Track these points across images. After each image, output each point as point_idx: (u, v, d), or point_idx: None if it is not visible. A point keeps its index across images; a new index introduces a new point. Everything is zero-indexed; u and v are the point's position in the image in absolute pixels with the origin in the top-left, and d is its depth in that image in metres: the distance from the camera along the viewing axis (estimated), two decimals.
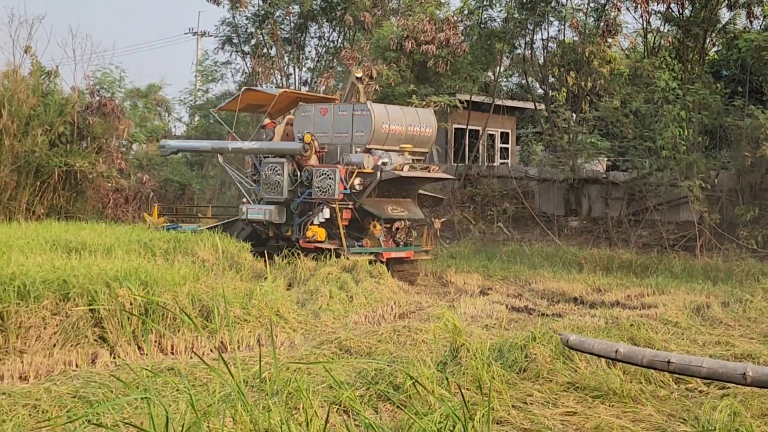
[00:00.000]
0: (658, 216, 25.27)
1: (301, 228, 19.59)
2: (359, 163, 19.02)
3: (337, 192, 18.75)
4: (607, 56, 29.27)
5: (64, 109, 28.75)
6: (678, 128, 23.73)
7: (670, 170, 23.94)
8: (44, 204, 28.01)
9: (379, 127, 19.32)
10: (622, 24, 27.80)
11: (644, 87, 25.39)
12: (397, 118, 19.87)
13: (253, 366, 9.10)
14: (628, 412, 8.27)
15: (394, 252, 19.73)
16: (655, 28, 27.30)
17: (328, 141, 19.86)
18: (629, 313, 14.59)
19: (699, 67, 25.88)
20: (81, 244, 16.29)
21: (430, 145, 21.35)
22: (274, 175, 19.99)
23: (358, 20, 31.46)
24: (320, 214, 19.04)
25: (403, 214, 19.62)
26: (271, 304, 12.83)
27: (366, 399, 8.08)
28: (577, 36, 28.26)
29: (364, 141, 19.31)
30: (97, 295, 11.25)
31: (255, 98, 22.66)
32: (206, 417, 6.00)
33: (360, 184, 18.95)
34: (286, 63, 34.11)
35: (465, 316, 14.11)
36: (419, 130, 20.16)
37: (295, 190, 19.84)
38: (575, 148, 27.42)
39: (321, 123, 20.00)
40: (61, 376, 9.24)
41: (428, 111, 21.74)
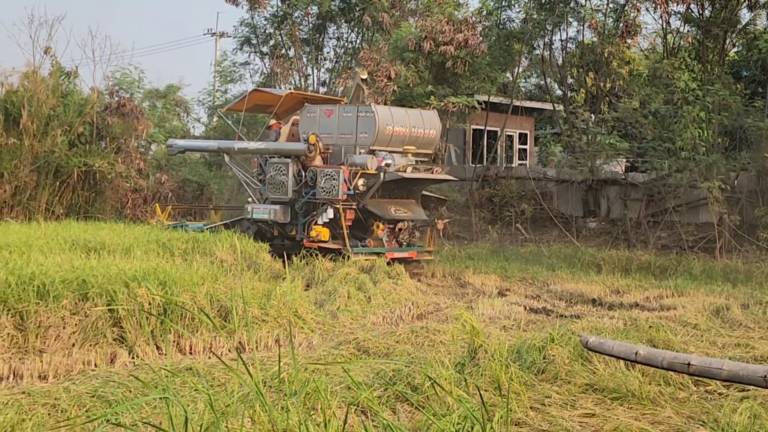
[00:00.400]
0: (678, 217, 25.17)
1: (305, 228, 19.83)
2: (363, 164, 19.25)
3: (341, 192, 18.96)
4: (626, 57, 29.18)
5: (84, 110, 28.87)
6: (698, 129, 23.62)
7: (689, 171, 23.84)
8: (63, 204, 28.14)
9: (383, 129, 19.54)
10: (641, 25, 27.74)
11: (664, 88, 25.29)
12: (401, 119, 20.07)
13: (271, 366, 9.10)
14: (647, 414, 8.23)
15: (397, 252, 20.04)
16: (675, 28, 27.21)
17: (333, 142, 20.11)
18: (648, 314, 14.55)
19: (719, 67, 25.76)
20: (100, 244, 16.35)
21: (434, 147, 21.64)
22: (279, 175, 20.24)
23: (377, 21, 31.46)
24: (324, 214, 19.27)
25: (406, 215, 19.90)
26: (290, 305, 12.84)
27: (384, 400, 8.08)
28: (596, 37, 28.18)
29: (368, 142, 19.54)
30: (116, 294, 11.29)
31: (261, 99, 22.94)
32: (225, 417, 6.01)
33: (363, 184, 19.16)
34: (304, 64, 34.13)
35: (483, 317, 14.09)
36: (423, 131, 20.42)
37: (300, 190, 20.03)
38: (594, 149, 27.34)
39: (326, 124, 20.24)
40: (80, 375, 9.28)
41: (432, 113, 21.94)
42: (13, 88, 28.63)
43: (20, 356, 10.11)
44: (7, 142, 27.08)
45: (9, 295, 10.68)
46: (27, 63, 29.71)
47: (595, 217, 28.03)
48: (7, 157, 27.00)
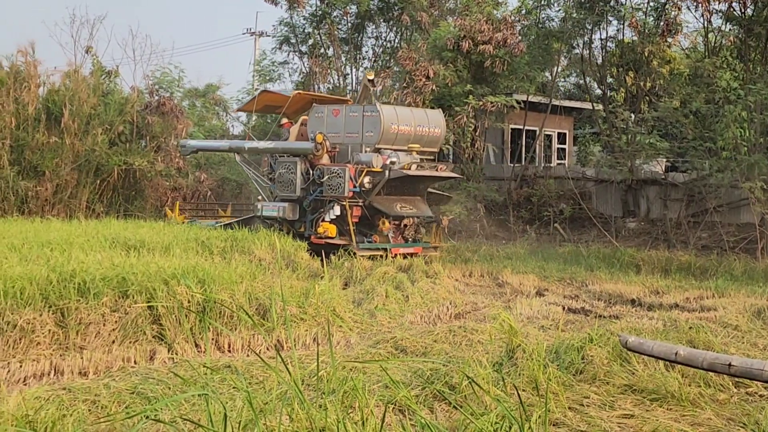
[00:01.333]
0: (718, 218, 24.94)
1: (312, 224, 20.37)
2: (368, 162, 19.84)
3: (347, 190, 19.59)
4: (666, 56, 28.94)
5: (124, 109, 29.13)
6: (739, 129, 23.39)
7: (730, 171, 23.62)
8: (104, 202, 28.41)
9: (388, 128, 20.12)
10: (682, 23, 27.50)
11: (705, 87, 25.07)
12: (406, 118, 20.64)
13: (309, 364, 9.13)
14: (686, 415, 8.17)
15: (403, 248, 20.43)
16: (717, 27, 26.93)
17: (340, 141, 20.75)
18: (688, 315, 14.43)
19: (761, 66, 25.47)
20: (140, 242, 16.47)
21: (439, 145, 22.13)
22: (288, 173, 20.83)
23: (415, 20, 31.42)
24: (331, 211, 19.89)
25: (411, 212, 20.49)
26: (328, 303, 12.87)
27: (422, 399, 8.08)
28: (636, 35, 27.98)
29: (374, 141, 20.16)
30: (156, 292, 11.36)
31: (271, 99, 23.70)
32: (263, 414, 6.03)
33: (369, 182, 19.80)
34: (343, 63, 34.17)
35: (521, 317, 14.05)
36: (428, 130, 21.05)
37: (308, 188, 20.64)
38: (633, 149, 27.16)
39: (333, 123, 20.91)
40: (120, 372, 9.36)
41: (437, 112, 22.39)
42: (55, 87, 28.96)
43: (61, 353, 10.21)
44: (48, 140, 27.38)
45: (50, 293, 10.78)
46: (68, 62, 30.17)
47: (634, 218, 27.84)
48: (48, 156, 27.30)
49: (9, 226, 19.39)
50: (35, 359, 9.89)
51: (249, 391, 5.83)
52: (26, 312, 10.33)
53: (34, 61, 28.70)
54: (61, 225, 20.06)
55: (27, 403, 6.67)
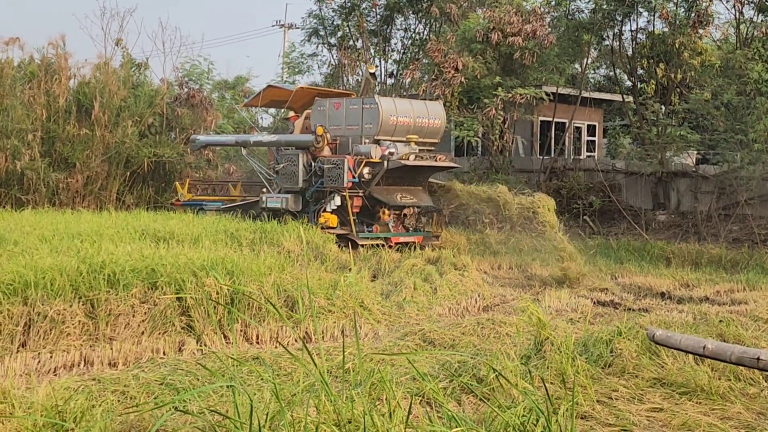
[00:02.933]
0: (749, 210, 24.75)
1: (315, 215, 20.90)
2: (367, 153, 20.39)
3: (346, 181, 20.16)
4: (697, 48, 28.71)
5: (154, 101, 29.28)
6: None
7: (762, 164, 23.43)
8: (134, 194, 28.59)
9: (387, 120, 20.74)
10: (713, 14, 27.28)
11: (736, 79, 24.87)
12: (405, 110, 21.29)
13: (336, 356, 9.14)
14: (716, 409, 8.11)
15: (403, 237, 21.04)
16: (748, 18, 26.71)
17: (341, 133, 21.39)
18: (718, 309, 14.35)
19: None
20: (169, 234, 16.55)
21: (439, 136, 22.59)
22: (291, 165, 21.45)
23: (444, 12, 31.35)
24: (332, 202, 20.52)
25: (411, 201, 21.03)
26: (356, 296, 12.88)
27: (449, 391, 8.07)
28: (666, 27, 27.80)
29: (373, 132, 20.76)
30: (185, 284, 11.42)
31: (276, 94, 24.53)
32: (290, 406, 6.04)
33: (369, 173, 20.48)
34: (372, 55, 34.16)
35: (549, 310, 14.02)
36: (427, 121, 21.65)
37: (310, 179, 21.24)
38: (664, 141, 26.99)
39: (334, 116, 21.54)
40: (149, 363, 9.41)
41: (437, 104, 23.11)
42: (86, 79, 29.16)
43: (91, 343, 10.28)
44: (79, 132, 27.56)
45: (80, 283, 10.86)
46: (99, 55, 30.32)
47: (664, 210, 27.68)
48: (79, 148, 27.49)
49: (40, 217, 19.54)
50: (65, 350, 9.97)
51: (276, 383, 5.85)
52: (56, 303, 10.41)
53: (65, 54, 28.94)
54: (92, 216, 20.20)
55: (56, 393, 6.72)
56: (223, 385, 6.56)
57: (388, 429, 5.55)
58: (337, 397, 5.84)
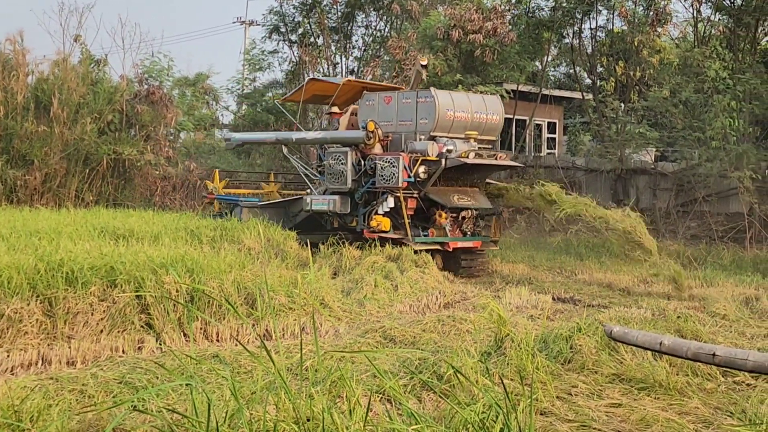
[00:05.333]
0: (707, 207, 24.99)
1: (365, 218, 19.22)
2: (423, 150, 18.62)
3: (401, 180, 18.31)
4: (656, 46, 28.96)
5: (113, 98, 29.07)
6: (728, 119, 23.44)
7: (719, 161, 23.68)
8: (93, 191, 28.36)
9: (444, 114, 18.90)
10: (671, 13, 27.54)
11: (694, 77, 25.11)
12: (462, 105, 19.42)
13: (297, 354, 9.13)
14: (674, 404, 8.18)
15: (461, 242, 19.18)
16: (706, 17, 26.99)
17: (393, 129, 19.57)
18: (677, 305, 14.47)
19: (750, 56, 25.52)
20: (128, 232, 16.44)
21: (497, 133, 20.75)
22: (338, 164, 19.57)
23: (405, 9, 31.39)
24: (384, 204, 18.65)
25: (469, 203, 19.15)
26: (316, 293, 12.87)
27: (409, 388, 8.08)
28: (626, 25, 28.02)
29: (429, 128, 18.93)
30: (144, 282, 11.34)
31: (319, 88, 22.32)
32: (249, 404, 6.03)
33: (425, 172, 18.50)
34: (333, 52, 34.13)
35: (510, 307, 14.07)
36: (486, 117, 19.72)
37: (359, 179, 19.37)
38: (623, 138, 27.19)
39: (385, 111, 19.74)
40: (107, 361, 9.34)
41: (495, 98, 21.10)
42: (44, 76, 28.89)
43: (49, 342, 10.19)
44: (37, 129, 27.31)
45: (38, 282, 10.75)
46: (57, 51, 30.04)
47: (623, 207, 27.87)
48: (37, 145, 27.24)
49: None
50: (23, 349, 9.86)
51: (235, 381, 5.83)
52: (14, 301, 10.30)
53: (23, 50, 28.64)
54: (50, 214, 20.01)
55: (13, 392, 6.65)
56: (181, 383, 6.53)
57: (347, 426, 5.54)
58: (297, 395, 5.83)
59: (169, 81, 32.75)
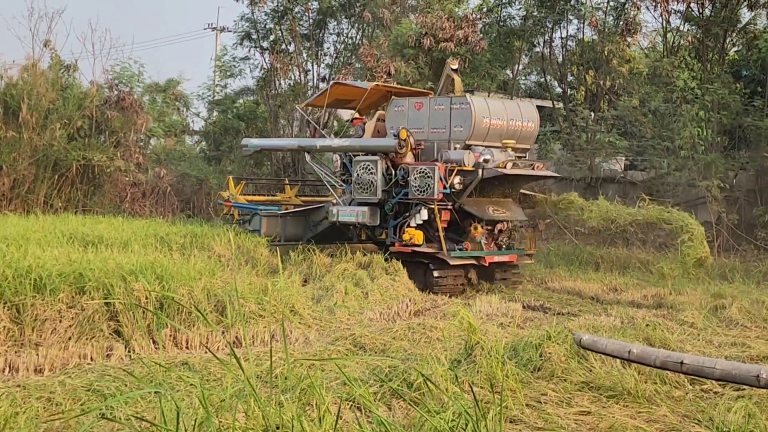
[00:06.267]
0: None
1: (396, 230, 18.23)
2: (459, 160, 17.60)
3: (437, 191, 17.26)
4: (626, 55, 29.16)
5: (83, 103, 28.86)
6: (697, 128, 23.63)
7: (688, 170, 23.85)
8: (62, 197, 28.14)
9: (480, 122, 17.92)
10: (641, 23, 27.73)
11: (663, 86, 25.29)
12: (498, 111, 18.46)
13: (267, 361, 9.10)
14: (642, 412, 8.24)
15: (497, 256, 18.21)
16: (675, 27, 27.19)
17: (424, 137, 18.53)
18: (645, 313, 14.56)
19: (718, 66, 25.73)
20: (98, 238, 16.35)
21: (532, 141, 19.84)
22: (367, 174, 18.47)
23: (377, 17, 31.43)
24: (417, 216, 17.66)
25: (505, 215, 18.22)
26: (286, 300, 12.85)
27: (379, 396, 8.08)
28: (596, 34, 28.18)
29: (464, 137, 17.91)
30: (113, 288, 11.28)
31: (344, 93, 21.29)
32: (219, 412, 6.01)
33: (460, 183, 17.49)
34: (304, 59, 34.10)
35: (480, 314, 14.11)
36: (521, 124, 18.82)
37: (390, 189, 18.36)
38: (593, 147, 27.33)
39: (416, 118, 18.69)
40: (75, 369, 9.29)
41: (530, 105, 20.27)
42: (13, 81, 28.64)
43: (16, 349, 10.11)
44: (6, 135, 27.08)
45: (6, 288, 10.68)
46: (27, 56, 29.75)
47: None
48: (6, 150, 27.01)
49: None
50: None
51: (204, 389, 5.81)
52: None
53: None
54: (18, 220, 19.86)
55: None
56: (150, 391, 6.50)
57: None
58: (266, 402, 5.81)
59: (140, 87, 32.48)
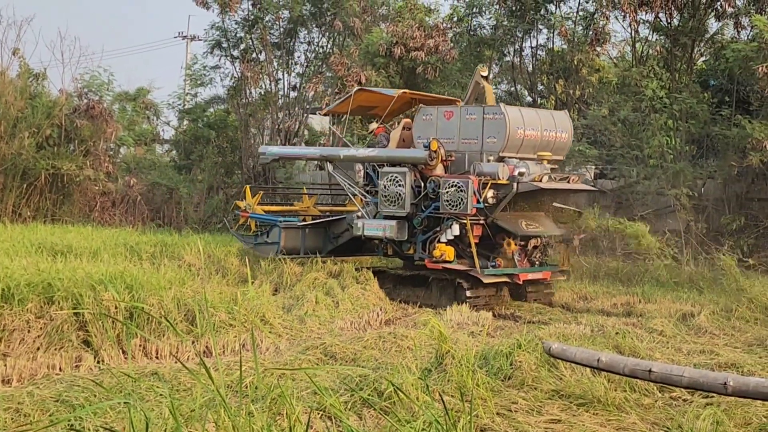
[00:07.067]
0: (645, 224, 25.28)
1: (425, 246, 17.43)
2: (493, 173, 16.78)
3: (470, 206, 16.45)
4: (595, 65, 29.31)
5: (52, 112, 28.71)
6: (665, 137, 23.77)
7: (657, 179, 23.98)
8: (31, 207, 27.97)
9: (514, 133, 17.08)
10: (610, 33, 27.86)
11: (632, 96, 25.43)
12: (532, 122, 17.60)
13: (237, 371, 9.07)
14: (612, 420, 8.28)
15: (531, 273, 17.49)
16: (644, 37, 27.35)
17: (454, 148, 17.60)
18: (615, 321, 14.63)
19: (687, 76, 25.91)
20: (67, 247, 16.28)
21: (565, 152, 19.05)
22: (395, 186, 17.60)
23: (348, 26, 31.45)
24: (448, 231, 16.85)
25: (539, 230, 17.43)
26: (257, 309, 12.82)
27: (350, 405, 8.08)
28: (566, 44, 28.30)
29: (497, 148, 17.06)
30: (82, 298, 11.22)
31: (368, 99, 20.25)
32: (189, 422, 5.98)
33: (493, 197, 16.72)
34: (275, 68, 34.04)
35: (451, 323, 14.11)
36: (555, 135, 18.04)
37: (419, 203, 17.52)
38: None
39: (445, 128, 17.72)
40: (44, 379, 9.22)
41: (563, 114, 19.26)
42: None
43: None
44: None
45: None
46: None
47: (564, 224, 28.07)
48: None
49: None
50: None
51: (173, 399, 5.79)
52: None
53: None
54: None
55: None
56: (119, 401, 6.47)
57: None
58: (236, 412, 5.80)
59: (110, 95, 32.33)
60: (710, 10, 25.62)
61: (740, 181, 23.73)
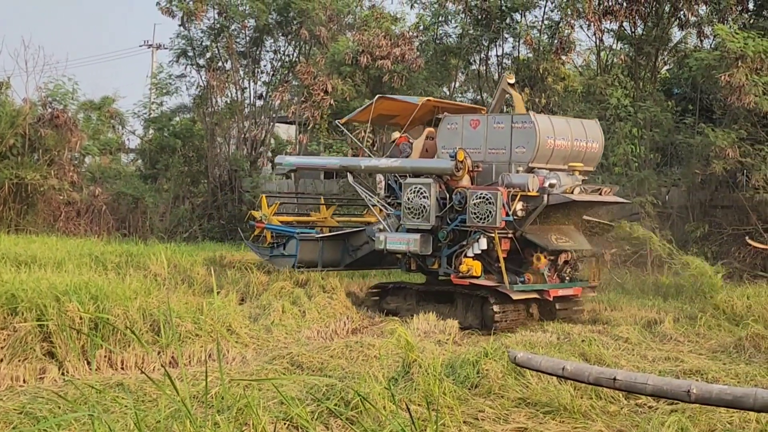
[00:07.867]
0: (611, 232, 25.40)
1: (451, 261, 16.60)
2: (523, 184, 15.97)
3: (499, 219, 15.58)
4: (561, 73, 29.45)
5: (16, 121, 28.51)
6: (630, 145, 23.96)
7: (622, 186, 24.14)
8: None
9: (544, 142, 16.30)
10: (575, 41, 28.05)
11: (597, 104, 25.59)
12: (562, 131, 16.82)
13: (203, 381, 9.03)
14: (578, 427, 8.31)
15: (562, 289, 16.67)
16: (608, 45, 27.56)
17: (481, 158, 16.81)
18: (581, 329, 14.70)
19: (651, 84, 26.13)
20: (31, 258, 16.15)
21: (596, 163, 18.32)
22: (419, 198, 16.76)
23: (314, 35, 31.46)
24: (476, 245, 16.05)
25: (568, 244, 16.62)
26: (223, 319, 12.76)
27: (317, 415, 8.06)
28: (531, 53, 28.46)
29: (527, 158, 16.29)
30: (46, 309, 11.12)
31: (390, 108, 19.53)
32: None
33: (522, 209, 15.93)
34: (241, 77, 34.01)
35: (418, 332, 14.12)
36: (586, 145, 17.27)
37: (444, 216, 16.68)
38: None
39: (471, 137, 16.95)
40: (7, 391, 9.14)
41: (593, 123, 18.27)
42: None
43: None
44: None
45: None
46: None
47: None
48: None
49: None
50: None
51: (138, 411, 5.75)
52: None
53: None
54: None
55: None
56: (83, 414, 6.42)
57: None
58: (202, 423, 5.77)
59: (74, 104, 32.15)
60: (674, 19, 25.86)
61: (704, 188, 23.93)
